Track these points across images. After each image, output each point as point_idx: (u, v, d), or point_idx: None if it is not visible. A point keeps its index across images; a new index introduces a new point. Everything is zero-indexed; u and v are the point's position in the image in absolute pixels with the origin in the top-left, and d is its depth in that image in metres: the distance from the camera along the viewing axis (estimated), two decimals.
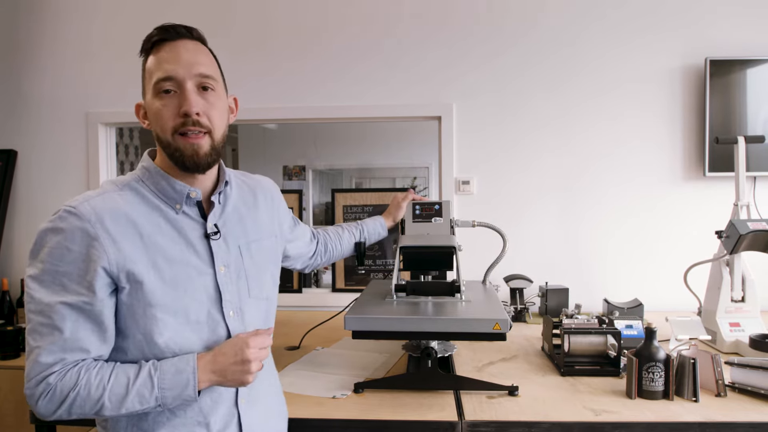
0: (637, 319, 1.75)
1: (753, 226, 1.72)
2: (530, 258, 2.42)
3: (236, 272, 1.05)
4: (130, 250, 0.93)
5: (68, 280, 0.90)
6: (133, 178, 1.02)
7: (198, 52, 1.00)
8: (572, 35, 2.41)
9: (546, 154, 2.45)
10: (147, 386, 0.90)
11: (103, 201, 0.94)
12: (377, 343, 1.83)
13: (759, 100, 2.32)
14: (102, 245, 0.90)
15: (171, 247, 0.97)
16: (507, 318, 1.32)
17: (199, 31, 1.03)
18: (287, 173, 5.39)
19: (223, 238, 1.04)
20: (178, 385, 0.91)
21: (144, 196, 0.99)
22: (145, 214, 0.97)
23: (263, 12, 2.51)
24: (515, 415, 1.28)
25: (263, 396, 1.13)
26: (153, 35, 0.99)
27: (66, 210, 0.92)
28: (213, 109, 0.99)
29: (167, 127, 0.96)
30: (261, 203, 1.18)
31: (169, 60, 0.96)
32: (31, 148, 2.61)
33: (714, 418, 1.25)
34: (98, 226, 0.91)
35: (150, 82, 0.98)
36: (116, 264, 0.91)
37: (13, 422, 2.09)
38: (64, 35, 2.59)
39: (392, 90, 2.49)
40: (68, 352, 0.90)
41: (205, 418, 0.99)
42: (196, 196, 1.01)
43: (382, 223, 1.69)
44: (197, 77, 0.97)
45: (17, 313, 2.43)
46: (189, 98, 0.95)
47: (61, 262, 0.90)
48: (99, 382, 0.89)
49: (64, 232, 0.90)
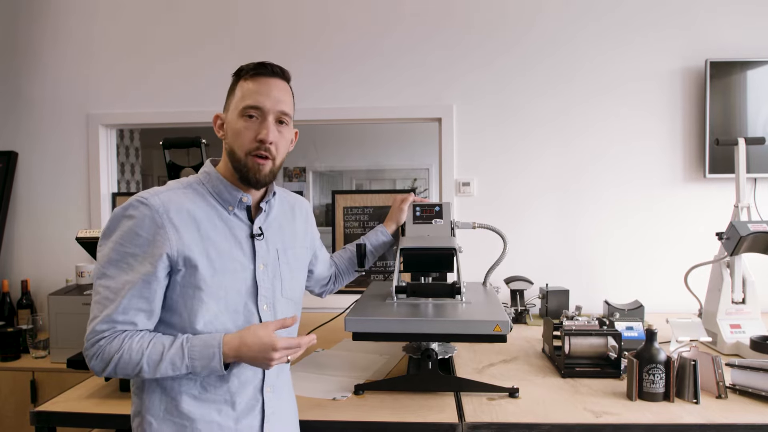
0: (637, 321, 1.75)
1: (753, 228, 1.72)
2: (530, 259, 2.43)
3: (272, 272, 1.19)
4: (188, 239, 1.07)
5: (134, 261, 1.04)
6: (196, 180, 1.18)
7: (284, 92, 1.17)
8: (572, 36, 2.42)
9: (546, 155, 2.45)
10: (179, 355, 1.03)
11: (169, 196, 1.09)
12: (377, 344, 1.83)
13: (759, 102, 2.32)
14: (167, 233, 1.05)
15: (221, 242, 1.12)
16: (507, 320, 1.31)
17: (289, 73, 1.20)
18: (287, 175, 5.39)
19: (265, 240, 1.19)
20: (206, 356, 1.03)
21: (203, 196, 1.15)
22: (203, 210, 1.12)
23: (263, 13, 2.52)
24: (516, 416, 1.28)
25: (286, 391, 1.25)
26: (251, 67, 1.16)
27: (138, 200, 1.06)
28: (282, 141, 1.17)
29: (245, 147, 1.13)
30: (298, 217, 1.34)
31: (261, 92, 1.13)
32: (31, 150, 2.61)
33: (715, 419, 1.25)
34: (165, 216, 1.05)
35: (239, 104, 1.14)
36: (177, 250, 1.05)
37: (13, 423, 2.09)
38: (65, 37, 2.59)
39: (392, 91, 2.49)
40: (119, 323, 1.04)
41: (231, 397, 1.11)
42: (247, 201, 1.17)
43: (383, 230, 1.70)
44: (279, 113, 1.14)
45: (17, 314, 2.43)
46: (269, 129, 1.13)
47: (131, 244, 1.04)
48: (139, 348, 1.03)
49: (135, 219, 1.05)
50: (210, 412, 1.10)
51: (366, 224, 2.53)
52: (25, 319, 2.37)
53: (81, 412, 1.36)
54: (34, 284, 2.55)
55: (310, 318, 2.01)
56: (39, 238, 2.62)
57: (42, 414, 1.35)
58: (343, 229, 2.55)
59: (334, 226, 2.54)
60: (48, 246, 2.61)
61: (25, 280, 2.48)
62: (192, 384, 1.09)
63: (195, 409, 1.09)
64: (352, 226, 2.55)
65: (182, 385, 1.09)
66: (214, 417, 1.10)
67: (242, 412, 1.13)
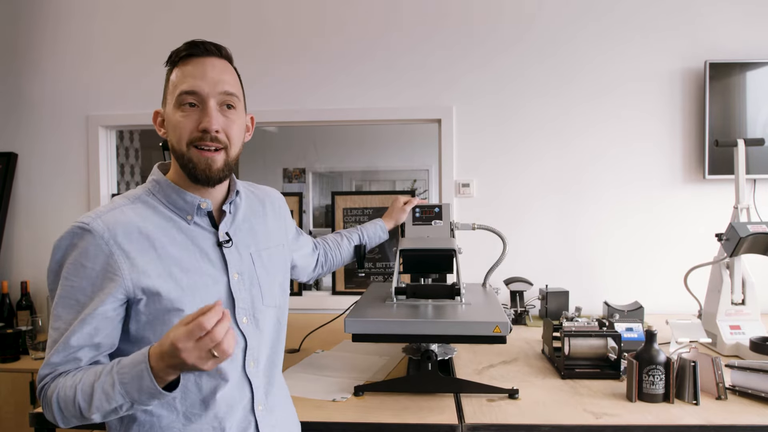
0: (637, 322, 1.75)
1: (753, 229, 1.72)
2: (530, 261, 2.42)
3: (249, 280, 1.07)
4: (144, 263, 0.94)
5: (82, 296, 0.92)
6: (144, 191, 1.03)
7: (224, 70, 1.02)
8: (571, 37, 2.42)
9: (546, 156, 2.45)
10: (108, 381, 0.86)
11: (114, 216, 0.96)
12: (377, 345, 1.83)
13: (758, 103, 2.32)
14: (116, 262, 0.92)
15: (185, 257, 0.99)
16: (507, 321, 1.31)
17: (227, 50, 1.05)
18: (287, 176, 5.39)
19: (236, 246, 1.06)
20: (136, 376, 0.85)
21: (155, 208, 1.01)
22: (157, 226, 0.99)
23: (261, 14, 2.52)
24: (515, 418, 1.28)
25: (281, 404, 1.14)
26: (182, 50, 1.02)
27: (79, 226, 0.94)
28: (232, 126, 1.01)
29: (184, 138, 0.99)
30: (269, 213, 1.21)
31: (195, 75, 0.98)
32: (31, 151, 2.61)
33: (714, 421, 1.25)
34: (111, 242, 0.93)
35: (173, 94, 1.00)
36: (131, 280, 0.93)
37: (12, 425, 2.09)
38: (64, 38, 2.59)
39: (392, 92, 2.49)
40: (61, 364, 0.92)
41: (220, 423, 0.99)
42: (207, 206, 1.03)
43: (382, 226, 1.69)
44: (221, 95, 1.00)
45: (17, 316, 2.42)
46: (211, 115, 0.98)
47: (76, 277, 0.92)
48: (71, 384, 0.89)
49: (77, 249, 0.93)
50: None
51: None
52: (24, 320, 2.37)
53: None
54: (34, 285, 2.55)
55: (309, 319, 2.01)
56: (38, 239, 2.62)
57: (41, 415, 1.35)
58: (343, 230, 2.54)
59: (334, 227, 2.53)
60: (47, 247, 2.56)
61: (25, 282, 2.48)
62: (173, 416, 0.97)
63: None
64: (351, 227, 2.54)
65: (161, 419, 0.96)
66: None
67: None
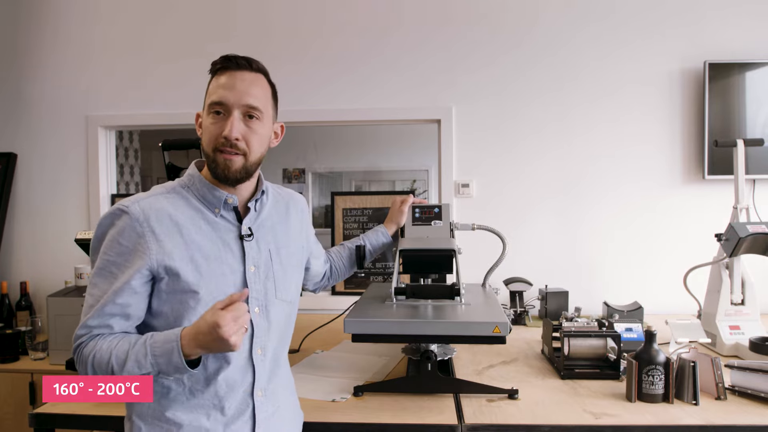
0: (636, 322, 1.75)
1: (752, 229, 1.72)
2: (530, 261, 2.42)
3: (265, 273, 1.16)
4: (170, 246, 1.06)
5: (116, 269, 1.04)
6: (179, 183, 1.16)
7: (253, 83, 1.12)
8: (571, 38, 2.42)
9: (545, 156, 2.45)
10: (142, 352, 1.00)
11: (149, 202, 1.08)
12: (377, 346, 1.83)
13: (758, 103, 2.33)
14: (146, 243, 1.04)
15: (208, 245, 1.10)
16: (507, 321, 1.31)
17: (258, 63, 1.16)
18: (287, 176, 5.39)
19: (256, 241, 1.16)
20: (167, 351, 0.99)
21: (187, 199, 1.13)
22: (187, 215, 1.10)
23: (262, 15, 2.52)
24: (515, 418, 1.28)
25: (281, 395, 1.19)
26: (218, 62, 1.13)
27: (119, 208, 1.06)
28: (253, 135, 1.12)
29: (211, 142, 1.11)
30: (292, 215, 1.30)
31: (225, 87, 1.10)
32: (31, 151, 2.61)
33: (714, 421, 1.25)
34: (145, 225, 1.05)
35: (207, 100, 1.13)
36: (156, 260, 1.04)
37: (12, 425, 2.09)
38: (64, 39, 2.59)
39: (391, 93, 2.49)
40: (95, 328, 1.05)
41: (220, 402, 1.09)
42: (233, 202, 1.14)
43: (383, 231, 1.69)
44: (245, 107, 1.10)
45: (16, 316, 2.42)
46: (232, 125, 1.09)
47: (112, 252, 1.05)
48: (107, 348, 1.02)
49: (116, 227, 1.05)
50: (199, 417, 1.08)
51: (365, 225, 2.53)
52: (24, 320, 2.37)
53: (80, 414, 1.36)
54: (33, 286, 2.55)
55: (309, 319, 2.01)
56: (38, 239, 2.62)
57: (41, 416, 1.35)
58: (343, 230, 2.55)
59: (334, 228, 2.54)
60: (47, 247, 2.61)
61: (24, 282, 2.47)
62: (180, 389, 1.08)
63: (183, 415, 1.07)
64: (351, 227, 2.55)
65: (170, 390, 1.08)
66: (203, 422, 1.08)
67: (232, 417, 1.10)
